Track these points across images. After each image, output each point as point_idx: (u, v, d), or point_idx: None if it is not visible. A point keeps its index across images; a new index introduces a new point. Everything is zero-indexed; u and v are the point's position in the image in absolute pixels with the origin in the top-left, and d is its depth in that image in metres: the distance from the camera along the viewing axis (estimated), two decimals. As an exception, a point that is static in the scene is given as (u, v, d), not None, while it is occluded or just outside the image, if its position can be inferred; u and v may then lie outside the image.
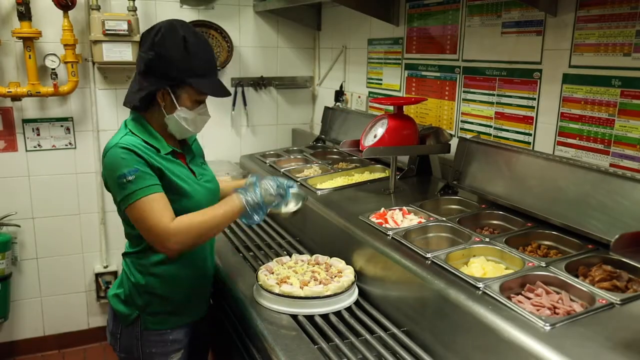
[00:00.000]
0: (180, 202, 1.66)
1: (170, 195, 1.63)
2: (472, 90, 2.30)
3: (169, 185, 1.64)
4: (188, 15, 3.29)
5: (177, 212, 1.62)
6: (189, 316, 1.81)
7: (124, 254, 1.80)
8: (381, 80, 2.97)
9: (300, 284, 1.71)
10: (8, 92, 2.87)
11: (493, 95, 2.19)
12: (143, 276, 1.72)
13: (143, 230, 1.59)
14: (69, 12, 2.88)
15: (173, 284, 1.74)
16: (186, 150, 1.80)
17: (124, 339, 1.77)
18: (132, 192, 1.55)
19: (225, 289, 1.94)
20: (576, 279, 1.39)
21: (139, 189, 1.55)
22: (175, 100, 1.65)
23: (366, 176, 2.50)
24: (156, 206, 1.56)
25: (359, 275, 1.81)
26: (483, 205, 1.96)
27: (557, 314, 1.29)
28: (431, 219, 1.88)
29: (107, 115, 3.22)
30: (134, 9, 3.00)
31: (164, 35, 1.61)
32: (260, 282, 1.74)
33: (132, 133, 1.65)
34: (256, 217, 1.70)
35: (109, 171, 1.58)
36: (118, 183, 1.56)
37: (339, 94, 3.33)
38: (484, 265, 1.55)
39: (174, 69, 1.61)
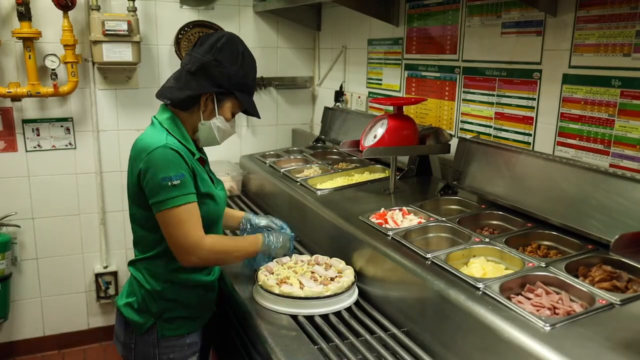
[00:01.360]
0: (209, 205, 1.69)
1: (200, 198, 1.65)
2: (472, 90, 2.30)
3: (199, 188, 1.66)
4: (188, 15, 3.29)
5: (206, 217, 1.67)
6: (202, 319, 1.82)
7: (134, 261, 1.76)
8: (381, 80, 2.97)
9: (300, 284, 1.71)
10: (8, 92, 2.87)
11: (493, 95, 2.19)
12: (159, 282, 1.70)
13: (173, 237, 1.59)
14: (69, 12, 2.88)
15: (187, 288, 1.73)
16: (205, 157, 1.85)
17: (139, 349, 1.74)
18: (174, 197, 1.56)
19: (225, 289, 1.94)
20: (576, 279, 1.39)
21: (181, 194, 1.57)
22: (216, 108, 1.71)
23: (366, 176, 2.50)
24: (192, 216, 1.60)
25: (359, 276, 1.81)
26: (483, 206, 1.96)
27: (557, 314, 1.29)
28: (431, 219, 1.88)
29: (107, 115, 3.22)
30: (134, 10, 3.00)
31: (226, 44, 1.67)
32: (260, 283, 1.74)
33: (170, 134, 1.65)
34: (255, 265, 1.88)
35: (154, 171, 1.56)
36: (160, 184, 1.55)
37: (339, 94, 3.34)
38: (484, 265, 1.56)
39: (227, 78, 1.67)
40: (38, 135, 3.10)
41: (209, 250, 1.63)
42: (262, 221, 2.01)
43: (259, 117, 1.82)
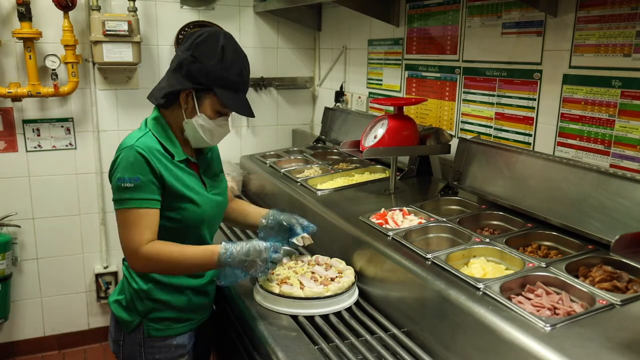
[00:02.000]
0: (187, 210, 1.65)
1: (177, 202, 1.62)
2: (472, 90, 2.30)
3: (175, 193, 1.61)
4: (188, 16, 3.29)
5: (183, 221, 1.64)
6: (192, 322, 1.78)
7: (125, 259, 1.75)
8: (381, 80, 2.97)
9: (300, 284, 1.71)
10: (8, 92, 2.87)
11: (493, 95, 2.19)
12: (145, 282, 1.69)
13: (120, 238, 1.59)
14: (70, 12, 2.88)
15: (175, 290, 1.71)
16: (201, 160, 1.77)
17: (127, 346, 1.73)
18: (125, 199, 1.55)
19: (226, 289, 1.94)
20: (576, 280, 1.39)
21: (132, 198, 1.55)
22: (197, 106, 1.64)
23: (366, 177, 2.50)
24: (140, 222, 1.55)
25: (359, 276, 1.81)
26: (483, 206, 1.96)
27: (558, 314, 1.29)
28: (431, 219, 1.88)
29: (107, 115, 3.22)
30: (134, 10, 3.00)
31: (204, 40, 1.62)
32: (260, 283, 1.74)
33: (152, 134, 1.64)
34: (222, 282, 1.66)
35: (115, 169, 1.58)
36: (116, 184, 1.56)
37: (339, 95, 3.34)
38: (484, 265, 1.55)
39: (204, 74, 1.60)
40: (38, 135, 3.11)
41: (149, 258, 1.55)
42: (282, 216, 1.87)
43: (247, 115, 1.69)
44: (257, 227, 1.91)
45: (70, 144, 3.18)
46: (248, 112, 1.68)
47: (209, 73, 1.60)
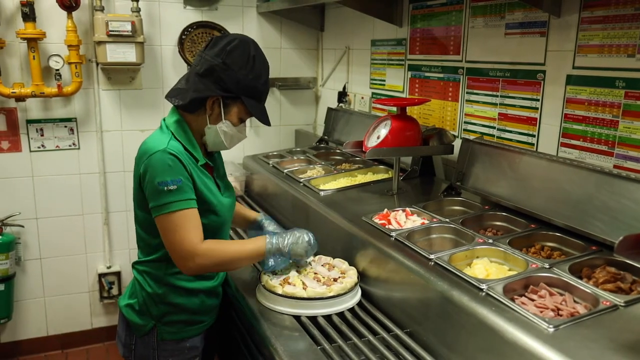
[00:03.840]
0: (208, 217, 1.66)
1: (202, 207, 1.63)
2: (475, 91, 2.30)
3: (200, 198, 1.62)
4: (192, 16, 3.30)
5: (207, 226, 1.64)
6: (204, 324, 1.79)
7: (137, 263, 1.76)
8: (384, 81, 2.97)
9: (303, 284, 1.71)
10: (12, 92, 2.88)
11: (496, 96, 2.18)
12: (160, 286, 1.69)
13: (169, 243, 1.58)
14: (73, 13, 2.89)
15: (189, 293, 1.72)
16: (213, 162, 1.80)
17: (139, 350, 1.73)
18: (170, 202, 1.53)
19: (229, 290, 1.94)
20: (580, 281, 1.39)
21: (177, 200, 1.54)
22: (223, 112, 1.66)
23: (369, 177, 2.50)
24: (190, 222, 1.56)
25: (362, 277, 1.81)
26: (486, 207, 1.95)
27: (561, 315, 1.29)
28: (434, 220, 1.88)
29: (111, 116, 3.23)
30: (138, 10, 3.01)
31: (236, 47, 1.63)
32: (263, 283, 1.74)
33: (175, 138, 1.63)
34: (271, 264, 1.73)
35: (151, 174, 1.55)
36: (157, 189, 1.54)
37: (342, 95, 3.33)
38: (487, 266, 1.55)
39: (235, 82, 1.62)
40: (42, 135, 3.11)
41: (205, 256, 1.57)
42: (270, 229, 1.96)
43: (268, 124, 1.72)
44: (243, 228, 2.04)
45: (74, 144, 3.19)
46: (267, 122, 1.72)
47: (239, 82, 1.62)
